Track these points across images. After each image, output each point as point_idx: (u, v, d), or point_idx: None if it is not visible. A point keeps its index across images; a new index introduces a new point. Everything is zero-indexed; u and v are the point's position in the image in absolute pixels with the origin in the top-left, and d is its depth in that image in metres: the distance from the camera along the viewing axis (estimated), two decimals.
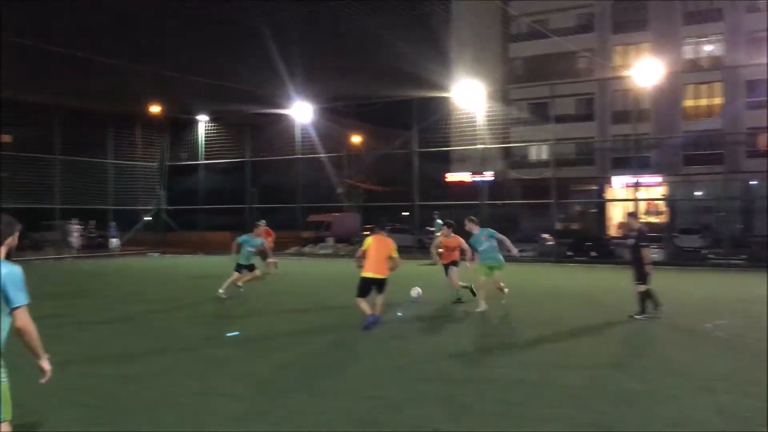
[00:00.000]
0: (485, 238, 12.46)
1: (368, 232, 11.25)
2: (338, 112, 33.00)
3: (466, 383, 7.30)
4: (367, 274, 10.70)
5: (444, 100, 27.63)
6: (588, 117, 41.09)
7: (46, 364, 4.79)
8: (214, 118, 33.33)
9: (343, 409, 6.33)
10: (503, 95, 33.24)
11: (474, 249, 13.51)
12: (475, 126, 26.74)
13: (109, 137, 31.73)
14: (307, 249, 31.66)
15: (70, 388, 7.13)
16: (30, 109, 28.92)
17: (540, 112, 35.06)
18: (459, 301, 13.85)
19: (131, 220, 33.40)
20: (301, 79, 23.60)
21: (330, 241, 33.02)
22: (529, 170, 38.17)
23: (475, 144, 27.02)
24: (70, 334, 10.53)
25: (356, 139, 35.47)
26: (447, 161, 39.93)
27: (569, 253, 26.47)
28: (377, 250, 10.76)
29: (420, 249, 29.93)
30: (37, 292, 14.28)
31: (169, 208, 34.18)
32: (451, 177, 39.28)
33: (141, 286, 18.40)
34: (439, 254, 14.66)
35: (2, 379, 4.44)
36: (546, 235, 28.14)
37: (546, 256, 25.98)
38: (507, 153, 39.62)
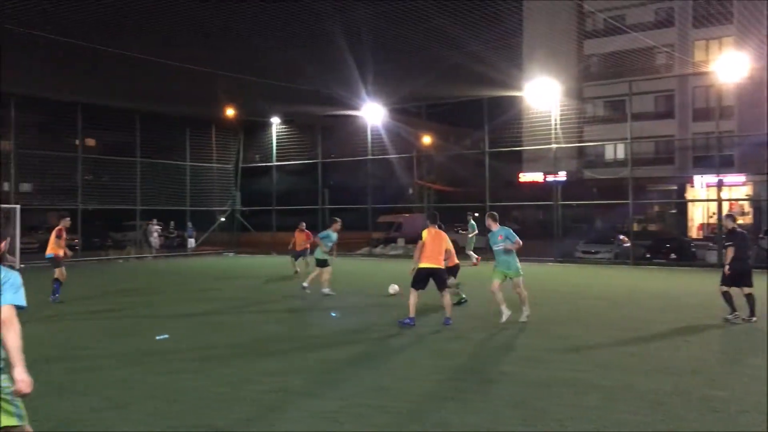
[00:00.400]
0: (501, 238, 11.98)
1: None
2: (409, 112, 33.00)
3: (540, 386, 7.12)
4: (424, 264, 10.92)
5: (516, 99, 27.20)
6: (667, 114, 39.76)
7: (19, 375, 4.09)
8: (286, 120, 33.86)
9: (417, 410, 6.27)
10: (578, 93, 32.49)
11: (489, 247, 13.35)
12: (548, 125, 26.22)
13: (187, 140, 32.69)
14: (377, 250, 31.76)
15: (148, 382, 7.34)
16: (112, 114, 30.05)
17: (616, 109, 34.18)
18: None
19: (207, 221, 34.28)
20: (372, 79, 23.62)
21: (400, 241, 33.03)
22: (604, 170, 37.20)
23: (548, 143, 26.50)
24: (147, 330, 10.85)
25: (427, 139, 35.37)
26: (519, 161, 39.36)
27: (647, 255, 25.61)
28: (433, 243, 11.02)
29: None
30: (119, 290, 14.82)
31: (243, 208, 34.92)
32: (524, 177, 38.70)
33: (217, 284, 18.83)
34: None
35: (2, 385, 4.06)
36: (622, 237, 27.32)
37: (623, 258, 25.24)
38: (581, 152, 38.76)
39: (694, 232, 37.41)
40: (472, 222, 24.54)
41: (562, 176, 28.56)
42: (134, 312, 13.06)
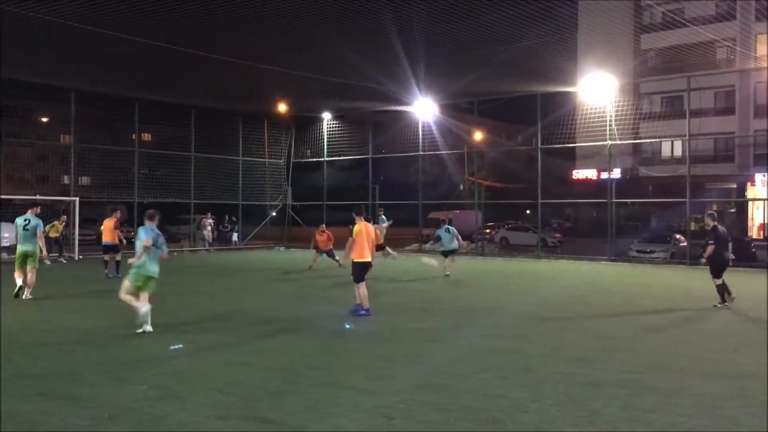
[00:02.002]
0: None
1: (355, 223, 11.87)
2: (460, 108, 32.83)
3: (591, 386, 6.99)
4: (364, 258, 11.58)
5: (570, 95, 26.75)
6: (728, 111, 38.59)
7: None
8: (337, 116, 34.05)
9: (468, 408, 6.22)
10: (634, 89, 31.81)
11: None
12: (602, 121, 25.72)
13: (240, 135, 33.19)
14: (427, 246, 31.68)
15: (203, 373, 7.47)
16: (168, 109, 30.70)
17: (674, 105, 33.30)
18: None
19: (259, 215, 34.75)
20: (423, 75, 23.53)
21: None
22: (660, 167, 36.29)
23: (602, 140, 25.99)
24: (201, 322, 11.06)
25: (478, 135, 35.11)
26: (572, 158, 38.75)
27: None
28: (368, 236, 11.67)
29: (543, 248, 29.28)
30: (175, 282, 15.08)
31: (294, 203, 35.27)
32: (577, 174, 38.08)
33: (272, 277, 19.07)
34: None
35: None
36: (679, 236, 26.65)
37: (679, 257, 24.62)
38: (637, 149, 37.94)
39: (754, 232, 36.25)
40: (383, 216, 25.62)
41: (616, 173, 27.99)
42: (189, 304, 13.30)
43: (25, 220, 13.56)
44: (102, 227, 18.71)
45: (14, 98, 35.34)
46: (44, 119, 51.92)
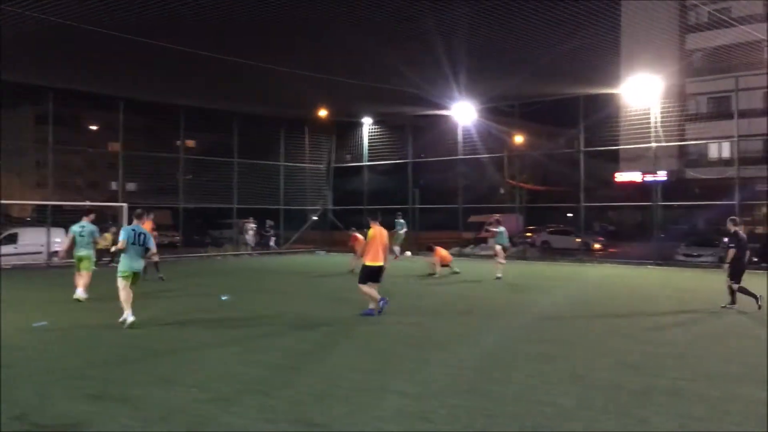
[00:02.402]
0: None
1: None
2: (500, 111, 32.56)
3: (641, 394, 6.88)
4: (376, 262, 11.96)
5: (613, 97, 26.36)
6: None
7: None
8: (377, 121, 34.16)
9: (513, 414, 6.19)
10: (679, 90, 31.19)
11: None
12: (647, 123, 25.29)
13: (281, 141, 33.57)
14: (467, 250, 31.56)
15: (250, 377, 7.58)
16: (212, 116, 31.22)
17: (721, 106, 32.55)
18: None
19: (300, 220, 35.03)
20: (464, 79, 23.45)
21: (491, 241, 32.66)
22: (707, 169, 35.53)
23: (647, 142, 25.55)
24: (249, 325, 11.21)
25: (519, 138, 34.86)
26: (615, 160, 38.16)
27: (755, 260, 24.27)
28: (380, 240, 12.04)
29: (586, 252, 28.89)
30: (220, 285, 15.25)
31: (335, 208, 35.47)
32: (621, 177, 37.45)
33: (313, 281, 19.23)
34: None
35: None
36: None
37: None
38: (683, 151, 37.19)
39: None
40: (401, 220, 27.22)
41: (661, 176, 27.46)
42: (233, 307, 13.49)
43: (81, 226, 14.19)
44: None
45: (66, 107, 36.35)
46: (94, 127, 53.32)
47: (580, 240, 30.05)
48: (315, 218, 35.52)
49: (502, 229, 20.08)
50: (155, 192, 30.57)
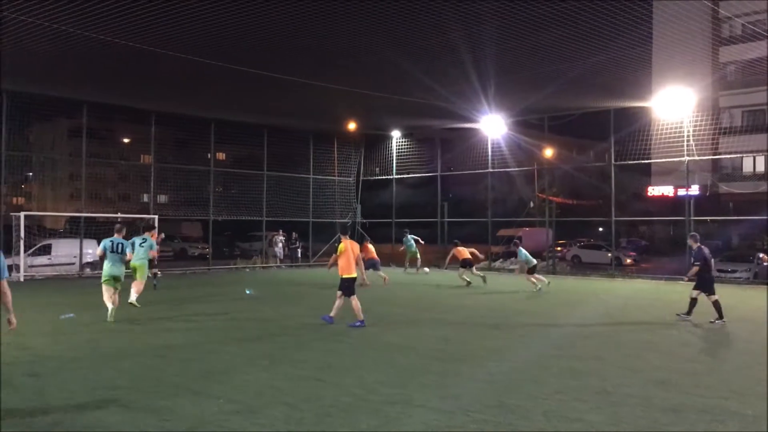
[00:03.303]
0: None
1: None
2: (530, 124, 32.40)
3: (673, 411, 6.74)
4: (348, 274, 12.46)
5: (644, 110, 26.07)
6: None
7: (13, 318, 6.62)
8: (406, 134, 34.21)
9: (541, 430, 6.11)
10: (712, 103, 30.80)
11: None
12: (679, 136, 24.97)
13: (310, 153, 33.79)
14: (496, 263, 31.37)
15: (277, 388, 7.59)
16: (242, 129, 31.55)
17: (756, 120, 32.06)
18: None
19: (329, 233, 35.14)
20: (492, 92, 23.39)
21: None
22: (742, 183, 34.89)
23: (679, 156, 25.21)
24: (275, 336, 11.25)
25: (548, 151, 34.61)
26: (647, 174, 37.70)
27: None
28: (350, 253, 12.54)
29: (617, 266, 28.51)
30: (247, 296, 15.30)
31: (364, 221, 35.51)
32: (653, 191, 36.99)
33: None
34: None
35: None
36: (763, 255, 25.51)
37: (762, 277, 23.55)
38: (716, 165, 36.62)
39: None
40: (409, 236, 27.54)
41: (694, 190, 27.05)
42: (261, 319, 13.54)
43: (142, 239, 15.31)
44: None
45: (99, 121, 37.05)
46: (126, 140, 54.22)
47: (610, 254, 29.70)
48: None
49: (521, 251, 20.63)
50: (186, 204, 30.94)
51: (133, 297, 14.45)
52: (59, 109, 29.84)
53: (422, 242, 28.36)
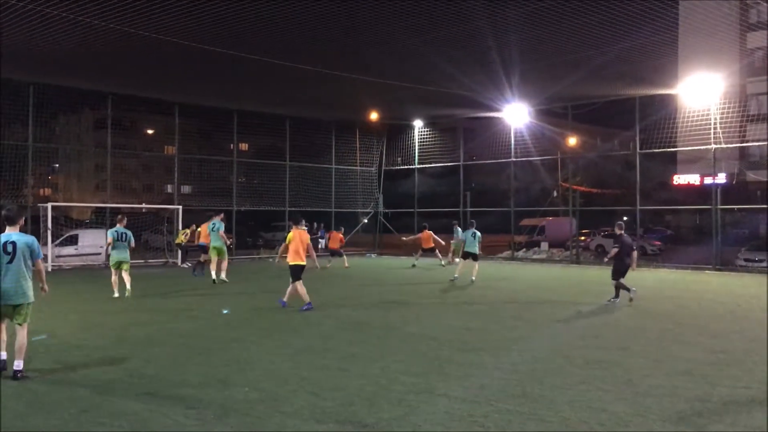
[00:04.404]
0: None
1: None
2: (553, 113, 32.12)
3: (699, 402, 6.69)
4: (295, 261, 13.36)
5: (670, 97, 25.73)
6: None
7: (46, 287, 8.40)
8: (428, 123, 34.11)
9: (566, 419, 6.10)
10: (740, 89, 30.27)
11: None
12: (706, 124, 24.61)
13: (333, 143, 33.84)
14: (520, 253, 31.25)
15: (301, 377, 7.65)
16: (265, 119, 31.68)
17: None
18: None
19: (351, 223, 35.23)
20: (516, 81, 23.21)
21: (544, 245, 32.28)
22: None
23: (706, 143, 24.86)
24: (299, 326, 11.33)
25: (572, 140, 34.30)
26: (673, 162, 37.25)
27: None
28: (299, 242, 13.37)
29: (643, 256, 28.25)
30: (272, 287, 15.41)
31: (386, 210, 35.53)
32: (679, 179, 36.55)
33: (363, 282, 19.31)
34: None
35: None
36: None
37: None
38: (744, 153, 36.08)
39: None
40: (458, 228, 26.90)
41: (721, 178, 26.68)
42: (284, 309, 13.63)
43: (213, 224, 19.06)
44: (200, 230, 21.11)
45: (124, 112, 37.43)
46: (150, 131, 54.72)
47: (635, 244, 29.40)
48: (365, 221, 35.67)
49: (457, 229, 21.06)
50: (209, 194, 31.18)
51: (223, 276, 18.57)
52: (84, 100, 30.18)
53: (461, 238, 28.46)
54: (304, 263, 13.51)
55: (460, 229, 26.16)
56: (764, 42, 27.77)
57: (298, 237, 13.43)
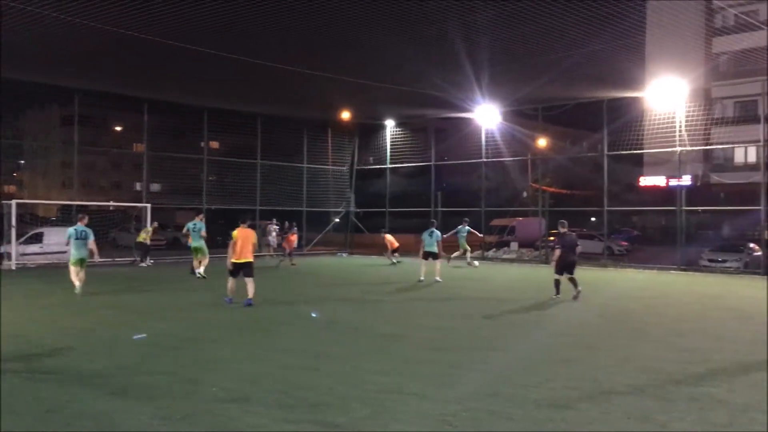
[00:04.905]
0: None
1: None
2: (524, 114, 32.44)
3: (662, 399, 6.82)
4: (241, 260, 13.85)
5: (637, 100, 26.14)
6: None
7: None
8: (400, 123, 34.17)
9: (533, 418, 6.18)
10: (705, 93, 30.88)
11: None
12: (672, 127, 25.05)
13: (304, 143, 33.72)
14: (490, 253, 31.47)
15: (271, 377, 7.64)
16: (236, 117, 31.46)
17: (748, 110, 32.19)
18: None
19: (322, 222, 35.15)
20: (487, 82, 23.39)
21: (513, 245, 32.54)
22: (733, 174, 35.05)
23: (672, 146, 25.31)
24: (269, 326, 11.30)
25: (542, 141, 34.64)
26: (639, 164, 37.84)
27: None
28: (243, 240, 13.90)
29: (610, 256, 28.65)
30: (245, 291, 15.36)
31: (357, 210, 35.52)
32: (645, 181, 37.14)
33: (334, 282, 19.31)
34: None
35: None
36: (753, 245, 25.68)
37: (753, 267, 23.72)
38: (708, 155, 36.79)
39: None
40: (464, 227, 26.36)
41: (686, 180, 27.17)
42: (255, 308, 13.58)
43: (194, 224, 19.76)
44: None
45: (92, 108, 36.86)
46: (118, 128, 53.98)
47: (603, 243, 29.82)
48: (337, 220, 35.62)
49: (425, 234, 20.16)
50: (179, 193, 30.87)
51: (201, 270, 19.24)
52: (52, 96, 29.71)
53: (480, 234, 28.50)
54: (248, 260, 14.00)
55: (468, 227, 26.20)
56: (729, 47, 28.35)
57: (242, 236, 13.94)
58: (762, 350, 9.58)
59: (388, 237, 26.84)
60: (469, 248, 26.37)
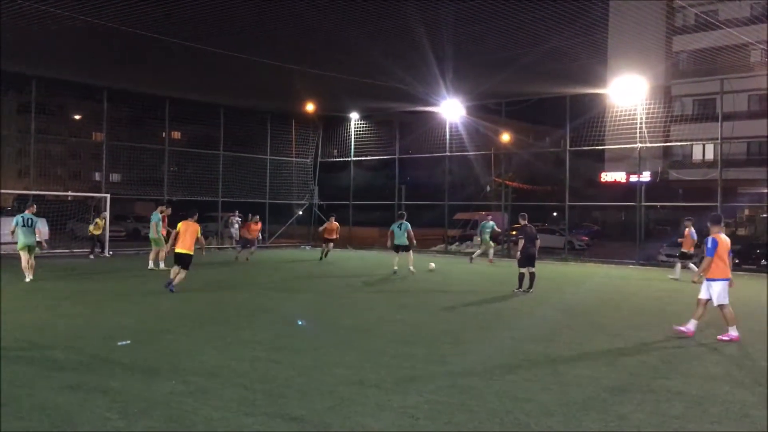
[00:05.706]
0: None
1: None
2: (488, 109, 32.67)
3: (619, 391, 6.93)
4: (179, 250, 14.44)
5: (599, 97, 26.49)
6: (762, 114, 37.90)
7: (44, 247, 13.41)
8: (365, 116, 34.08)
9: (493, 410, 6.22)
10: (665, 91, 31.42)
11: None
12: (632, 123, 25.46)
13: (268, 134, 33.40)
14: (453, 247, 31.64)
15: (231, 369, 7.56)
16: (198, 108, 31.03)
17: (707, 108, 32.85)
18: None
19: (285, 214, 34.92)
20: (451, 76, 23.46)
21: (476, 239, 32.76)
22: (691, 171, 35.80)
23: (632, 143, 25.72)
24: (231, 318, 11.19)
25: (506, 136, 34.92)
26: (601, 160, 38.42)
27: (736, 261, 24.49)
28: (185, 233, 14.45)
29: (571, 251, 29.04)
30: (207, 280, 15.20)
31: (321, 202, 35.36)
32: (606, 177, 37.71)
33: (297, 275, 19.21)
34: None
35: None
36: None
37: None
38: (667, 152, 37.50)
39: None
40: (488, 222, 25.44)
41: (646, 177, 27.66)
42: (216, 301, 13.44)
43: (153, 215, 20.03)
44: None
45: (49, 96, 36.01)
46: (77, 117, 52.82)
47: (564, 238, 30.21)
48: (300, 213, 35.43)
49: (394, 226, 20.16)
50: (139, 183, 30.36)
51: (161, 265, 19.19)
52: (7, 83, 28.93)
53: (498, 230, 26.40)
54: (188, 252, 14.50)
55: (492, 222, 24.99)
56: (689, 45, 28.86)
57: (185, 229, 14.48)
58: (715, 343, 9.80)
59: (335, 224, 24.82)
60: (492, 245, 25.34)
